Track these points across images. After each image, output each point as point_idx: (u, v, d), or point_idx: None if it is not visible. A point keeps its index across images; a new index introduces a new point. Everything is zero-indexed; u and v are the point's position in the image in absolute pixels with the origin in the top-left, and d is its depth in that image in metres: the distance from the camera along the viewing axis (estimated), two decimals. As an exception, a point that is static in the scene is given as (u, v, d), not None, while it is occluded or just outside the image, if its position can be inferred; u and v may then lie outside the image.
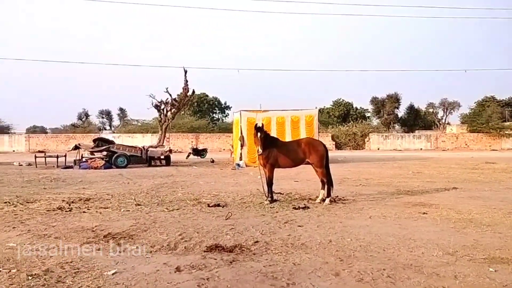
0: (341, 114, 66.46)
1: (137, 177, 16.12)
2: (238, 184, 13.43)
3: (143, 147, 22.45)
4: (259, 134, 9.38)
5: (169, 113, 27.95)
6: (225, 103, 72.82)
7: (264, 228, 6.78)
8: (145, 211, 8.37)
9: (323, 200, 9.54)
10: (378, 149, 46.41)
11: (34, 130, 72.11)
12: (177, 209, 8.60)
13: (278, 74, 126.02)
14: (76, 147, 21.34)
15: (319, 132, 24.27)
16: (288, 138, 19.70)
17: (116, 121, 77.25)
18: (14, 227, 6.84)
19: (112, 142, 22.19)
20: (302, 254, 5.35)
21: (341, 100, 69.91)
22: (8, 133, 50.12)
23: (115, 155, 20.73)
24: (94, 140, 22.06)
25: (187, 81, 27.20)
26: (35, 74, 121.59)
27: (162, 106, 27.57)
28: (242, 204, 9.37)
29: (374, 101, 71.08)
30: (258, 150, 9.43)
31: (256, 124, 9.79)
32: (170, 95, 27.47)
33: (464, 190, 11.59)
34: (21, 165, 22.78)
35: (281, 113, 23.05)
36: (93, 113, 76.12)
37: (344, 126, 52.55)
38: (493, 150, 44.50)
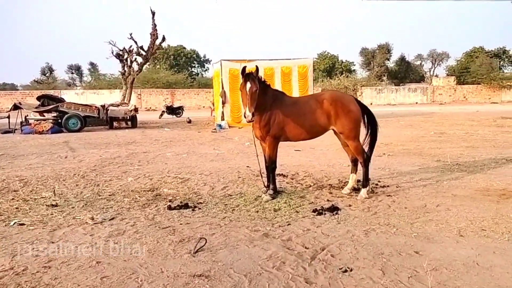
0: (327, 68, 62.23)
1: (85, 145, 12.26)
2: (220, 158, 9.70)
3: (103, 105, 18.27)
4: (248, 85, 5.44)
5: (134, 64, 23.40)
6: (204, 56, 67.08)
7: (276, 283, 3.15)
8: (51, 225, 4.64)
9: (355, 189, 5.99)
10: (371, 104, 42.82)
11: (4, 87, 66.01)
12: (111, 219, 4.89)
13: (261, 26, 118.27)
14: (16, 107, 17.11)
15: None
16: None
17: (87, 77, 71.06)
18: None
19: (61, 100, 17.92)
20: None
21: (326, 53, 65.42)
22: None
23: (66, 116, 16.63)
24: (39, 98, 17.71)
25: (155, 25, 22.55)
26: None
27: (126, 56, 22.94)
28: (225, 200, 5.72)
29: (364, 52, 66.56)
30: (245, 113, 5.40)
31: (244, 67, 5.68)
32: (136, 42, 22.86)
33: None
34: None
35: (269, 63, 19.07)
36: (62, 68, 69.78)
37: (334, 79, 48.55)
38: (493, 103, 41.21)
